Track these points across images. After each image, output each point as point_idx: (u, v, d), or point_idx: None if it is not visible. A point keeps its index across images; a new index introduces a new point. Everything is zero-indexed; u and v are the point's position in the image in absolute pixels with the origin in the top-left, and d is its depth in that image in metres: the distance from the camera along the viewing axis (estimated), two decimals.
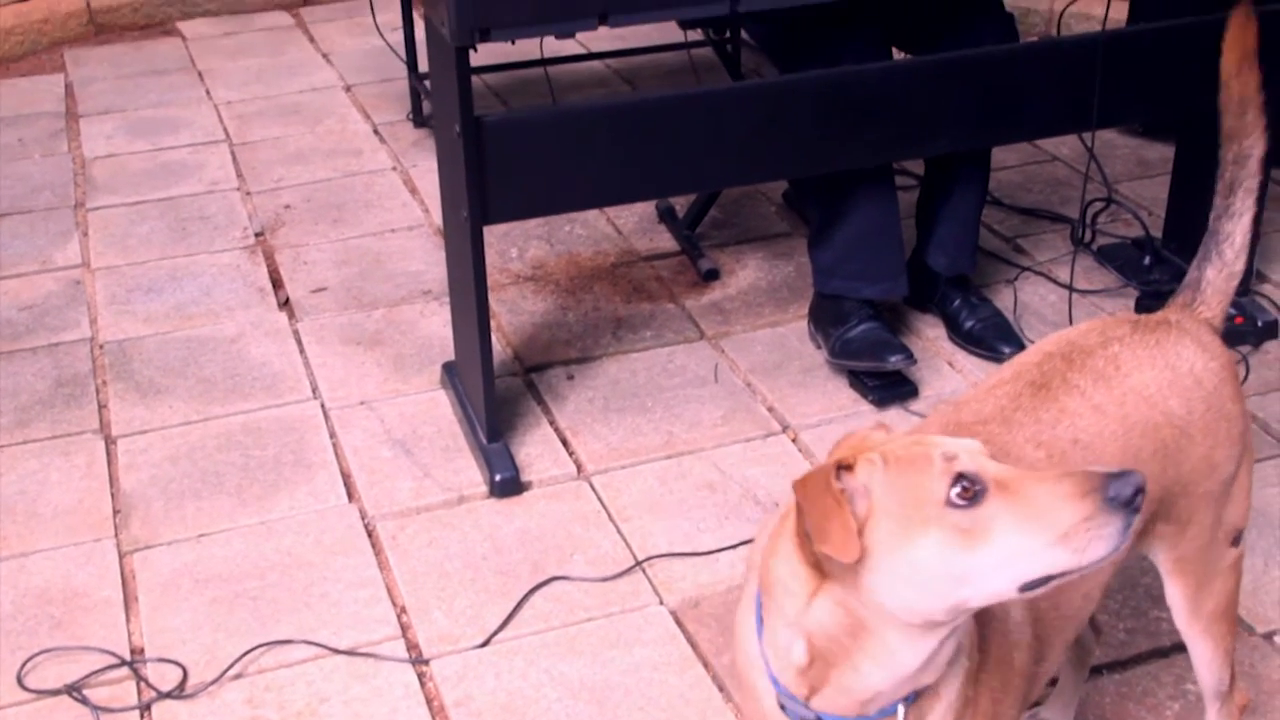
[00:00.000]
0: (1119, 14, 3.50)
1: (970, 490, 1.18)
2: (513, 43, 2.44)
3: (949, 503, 1.18)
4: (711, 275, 3.21)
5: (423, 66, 4.05)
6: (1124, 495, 1.16)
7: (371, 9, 4.34)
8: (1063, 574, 1.18)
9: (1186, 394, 1.58)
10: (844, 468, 1.22)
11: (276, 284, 3.23)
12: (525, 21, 2.22)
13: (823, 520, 1.20)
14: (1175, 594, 1.68)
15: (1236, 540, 1.68)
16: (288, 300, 3.16)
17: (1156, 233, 3.20)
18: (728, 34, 3.63)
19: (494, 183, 2.36)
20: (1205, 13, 2.80)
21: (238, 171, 3.82)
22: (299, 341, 2.99)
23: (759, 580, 1.33)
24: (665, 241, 3.38)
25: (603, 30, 2.29)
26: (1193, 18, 2.71)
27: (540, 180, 2.42)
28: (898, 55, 2.90)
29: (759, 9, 2.40)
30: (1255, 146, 1.74)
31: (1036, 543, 1.17)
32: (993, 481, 1.19)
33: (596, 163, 2.46)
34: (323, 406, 2.77)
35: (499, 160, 2.35)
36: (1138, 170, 3.68)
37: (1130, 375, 1.56)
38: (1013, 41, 2.81)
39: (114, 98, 4.37)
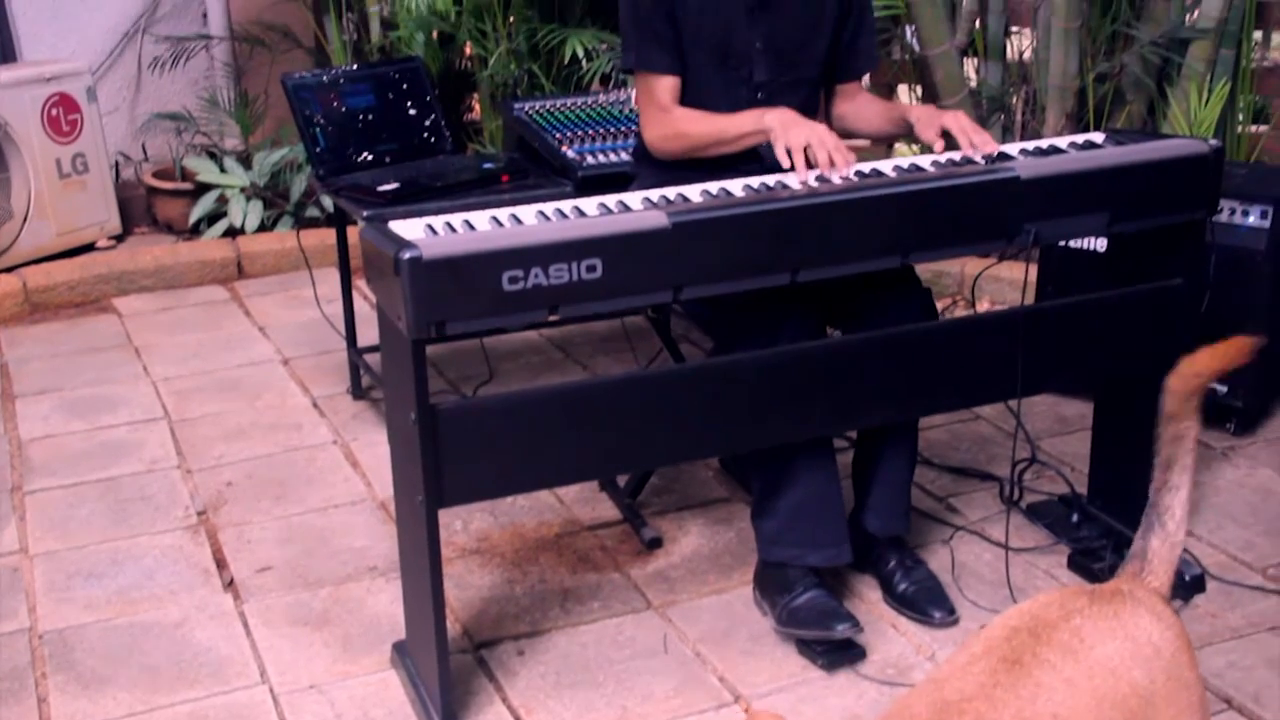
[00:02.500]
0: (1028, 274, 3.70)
1: None
2: None
3: None
4: (655, 543, 3.26)
5: (361, 340, 4.14)
6: None
7: (312, 282, 4.46)
8: None
9: (1148, 664, 1.67)
10: None
11: (220, 564, 3.22)
12: (481, 314, 2.31)
13: None
14: None
15: None
16: (232, 581, 3.15)
17: (1081, 487, 3.32)
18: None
19: (449, 468, 2.41)
20: (1110, 280, 3.00)
21: (178, 449, 3.84)
22: (245, 624, 2.97)
23: None
24: (608, 510, 3.44)
25: None
26: (1103, 293, 2.89)
27: (495, 464, 2.48)
28: (831, 333, 3.04)
29: (700, 295, 2.52)
30: (1191, 429, 1.88)
31: None
32: None
33: (550, 445, 2.53)
34: (272, 692, 2.74)
35: (454, 446, 2.41)
36: (1057, 427, 3.83)
37: (1095, 648, 1.65)
38: (930, 314, 2.96)
39: (50, 377, 4.40)
